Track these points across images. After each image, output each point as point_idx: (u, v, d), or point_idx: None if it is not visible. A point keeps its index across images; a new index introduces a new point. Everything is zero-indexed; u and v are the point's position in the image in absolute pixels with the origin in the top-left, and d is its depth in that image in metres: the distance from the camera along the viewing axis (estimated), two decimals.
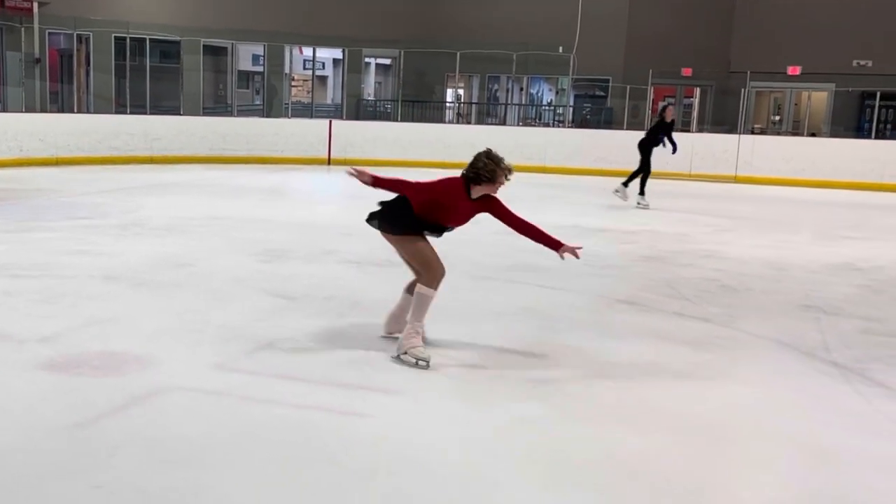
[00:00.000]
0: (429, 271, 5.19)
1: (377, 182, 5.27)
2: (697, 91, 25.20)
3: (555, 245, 5.20)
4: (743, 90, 22.22)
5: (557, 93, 28.00)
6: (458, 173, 5.23)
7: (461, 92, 27.32)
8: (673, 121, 14.97)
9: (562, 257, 5.26)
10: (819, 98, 25.96)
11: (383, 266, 8.12)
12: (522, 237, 5.30)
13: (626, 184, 14.39)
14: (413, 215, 5.18)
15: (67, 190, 13.69)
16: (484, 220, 5.47)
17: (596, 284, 7.86)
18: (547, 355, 5.43)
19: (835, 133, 24.00)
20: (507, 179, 5.21)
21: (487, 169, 5.10)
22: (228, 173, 17.64)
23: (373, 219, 5.38)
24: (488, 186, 5.15)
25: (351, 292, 6.91)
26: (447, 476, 3.62)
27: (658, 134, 14.53)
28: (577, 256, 5.21)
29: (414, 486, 3.50)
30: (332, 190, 16.79)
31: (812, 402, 4.78)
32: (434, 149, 20.58)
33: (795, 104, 26.64)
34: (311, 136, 20.79)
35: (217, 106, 24.30)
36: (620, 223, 12.07)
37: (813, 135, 24.26)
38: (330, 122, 21.45)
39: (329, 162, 20.66)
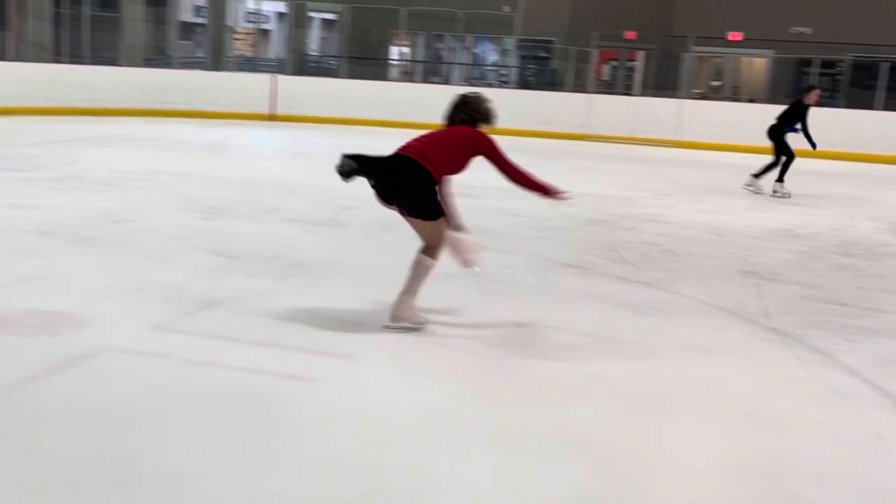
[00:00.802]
0: (438, 245, 5.01)
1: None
2: (642, 55, 25.27)
3: (544, 191, 5.22)
4: (685, 55, 22.37)
5: (502, 53, 27.90)
6: (403, 132, 5.14)
7: (406, 50, 27.07)
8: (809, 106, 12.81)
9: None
10: (759, 64, 26.22)
11: (327, 225, 8.07)
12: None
13: (757, 175, 12.63)
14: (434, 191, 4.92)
15: (1, 141, 13.31)
16: None
17: (539, 247, 7.86)
18: (490, 319, 5.41)
19: (773, 100, 24.30)
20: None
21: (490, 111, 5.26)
22: (169, 127, 17.31)
23: (391, 198, 4.97)
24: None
25: (294, 252, 6.82)
26: (389, 443, 3.57)
27: (793, 120, 12.65)
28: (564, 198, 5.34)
29: (356, 452, 3.45)
30: (275, 146, 16.60)
31: (753, 369, 4.82)
32: (378, 107, 20.45)
33: (735, 70, 26.89)
34: (254, 91, 20.47)
35: (158, 58, 23.76)
36: (565, 186, 12.04)
37: (751, 101, 24.54)
38: (274, 77, 21.13)
39: (272, 118, 20.38)
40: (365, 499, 3.10)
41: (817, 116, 20.94)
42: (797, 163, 12.84)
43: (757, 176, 12.68)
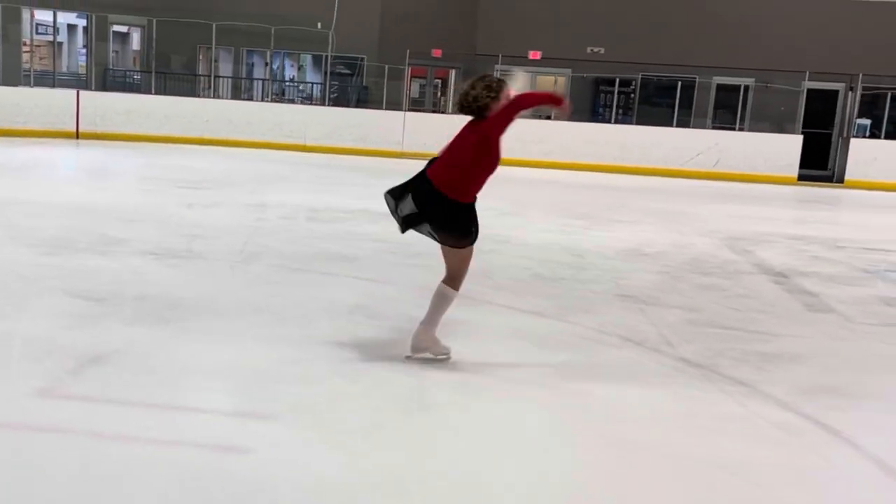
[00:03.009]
0: (461, 275, 4.94)
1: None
2: (453, 73, 25.40)
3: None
4: (495, 73, 22.60)
5: (299, 69, 27.39)
6: (218, 149, 4.76)
7: (216, 65, 26.04)
8: None
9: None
10: (560, 83, 26.96)
11: (185, 258, 7.39)
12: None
13: None
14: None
15: None
16: (272, 204, 4.99)
17: (413, 275, 7.48)
18: (409, 365, 4.93)
19: (572, 117, 25.03)
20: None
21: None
22: None
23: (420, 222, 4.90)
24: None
25: (163, 290, 6.13)
26: None
27: None
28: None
29: None
30: (92, 168, 15.39)
31: (689, 406, 4.62)
32: (193, 124, 19.51)
33: (534, 88, 27.53)
34: (55, 108, 19.06)
35: None
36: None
37: (548, 118, 25.16)
38: (77, 92, 19.73)
39: (78, 136, 19.02)
40: None
41: (619, 133, 21.95)
42: (597, 179, 13.08)
43: None
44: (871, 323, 6.89)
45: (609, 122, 24.63)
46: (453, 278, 4.91)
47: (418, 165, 16.88)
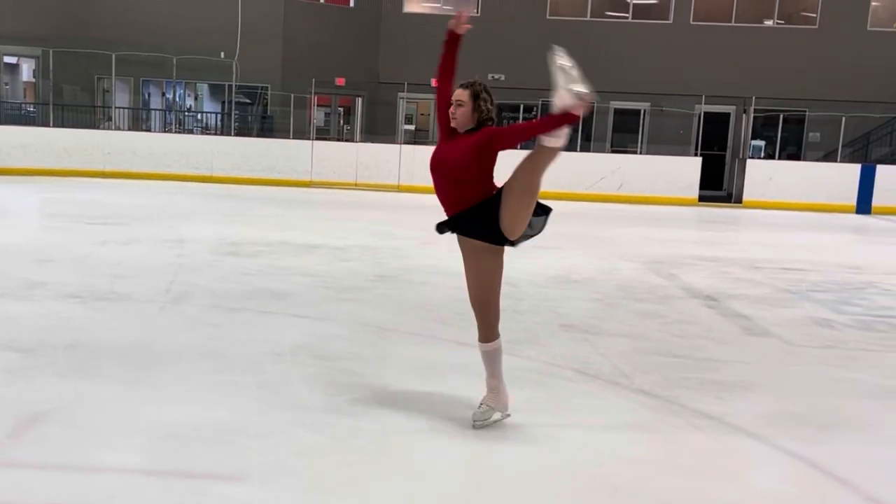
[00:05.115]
0: (485, 322, 4.61)
1: None
2: (360, 101, 25.22)
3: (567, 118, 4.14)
4: (401, 101, 22.54)
5: (196, 98, 26.87)
6: (121, 182, 4.43)
7: (112, 95, 25.27)
8: None
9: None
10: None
11: (110, 299, 7.00)
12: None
13: None
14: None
15: None
16: (190, 238, 4.70)
17: (351, 311, 7.26)
18: (368, 410, 4.69)
19: None
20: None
21: None
22: None
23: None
24: None
25: (94, 337, 5.75)
26: None
27: None
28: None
29: None
30: None
31: (664, 446, 4.43)
32: (93, 157, 18.85)
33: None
34: None
35: None
36: (327, 238, 11.52)
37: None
38: None
39: None
40: None
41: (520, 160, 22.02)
42: None
43: None
44: (811, 346, 6.92)
45: (514, 147, 24.76)
46: (482, 332, 4.60)
47: (328, 194, 16.94)
